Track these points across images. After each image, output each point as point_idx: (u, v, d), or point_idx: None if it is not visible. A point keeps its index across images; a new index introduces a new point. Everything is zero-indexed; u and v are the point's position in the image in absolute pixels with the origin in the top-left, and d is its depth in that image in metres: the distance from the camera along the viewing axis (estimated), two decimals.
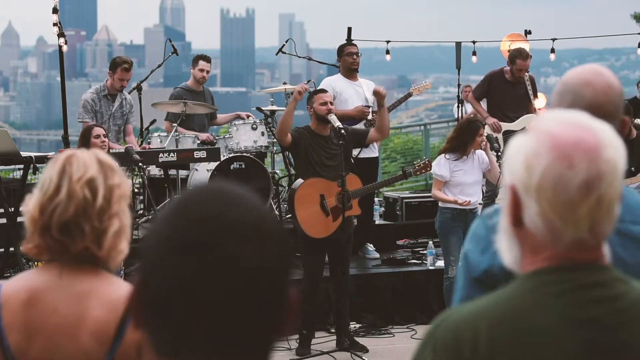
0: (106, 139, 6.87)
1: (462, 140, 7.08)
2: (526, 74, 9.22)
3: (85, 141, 6.77)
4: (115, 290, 2.30)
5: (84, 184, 2.28)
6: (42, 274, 2.32)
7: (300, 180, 6.95)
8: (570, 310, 1.54)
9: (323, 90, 7.40)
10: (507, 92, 9.12)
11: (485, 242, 2.14)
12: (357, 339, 7.15)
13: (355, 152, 8.21)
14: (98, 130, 6.86)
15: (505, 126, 8.94)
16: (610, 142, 1.57)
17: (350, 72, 8.65)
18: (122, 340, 2.26)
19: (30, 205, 2.31)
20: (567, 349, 1.53)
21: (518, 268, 1.63)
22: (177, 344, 1.24)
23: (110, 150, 8.03)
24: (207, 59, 9.68)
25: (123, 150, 7.60)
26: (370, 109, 8.61)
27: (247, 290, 1.23)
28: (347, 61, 8.65)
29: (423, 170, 7.61)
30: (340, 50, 8.79)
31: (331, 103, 7.02)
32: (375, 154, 8.81)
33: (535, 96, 9.26)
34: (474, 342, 1.55)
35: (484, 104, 9.34)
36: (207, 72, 9.60)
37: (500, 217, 1.68)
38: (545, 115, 1.63)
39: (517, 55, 9.13)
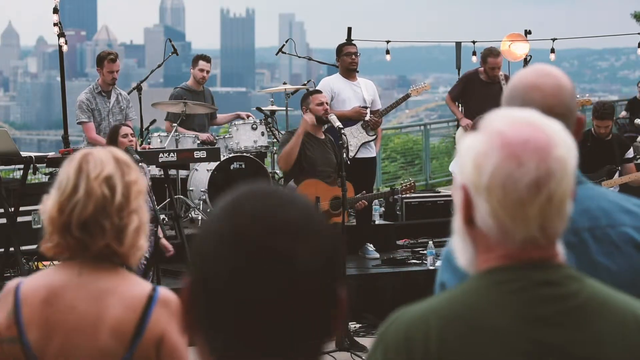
0: (134, 138, 6.86)
1: None
2: (502, 73, 9.26)
3: (113, 140, 6.75)
4: (135, 288, 2.31)
5: (101, 181, 2.29)
6: (62, 271, 2.33)
7: (292, 184, 6.93)
8: (521, 309, 1.54)
9: (318, 91, 7.39)
10: (482, 92, 9.15)
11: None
12: (357, 339, 7.15)
13: (352, 152, 8.21)
14: (125, 130, 6.84)
15: None
16: (561, 141, 1.56)
17: (349, 72, 8.64)
18: (142, 339, 2.27)
19: (48, 205, 2.32)
20: (517, 348, 1.52)
21: (472, 268, 1.62)
22: (229, 344, 1.24)
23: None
24: (207, 59, 9.68)
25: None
26: (368, 110, 8.60)
27: (299, 289, 1.22)
28: (345, 61, 8.65)
29: (408, 191, 7.66)
30: (339, 50, 8.78)
31: (327, 103, 7.02)
32: (373, 154, 8.80)
33: None
34: (424, 342, 1.54)
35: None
36: (207, 72, 9.60)
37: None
38: (496, 114, 1.61)
39: (488, 54, 9.18)
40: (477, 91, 9.18)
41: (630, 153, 8.19)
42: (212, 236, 1.25)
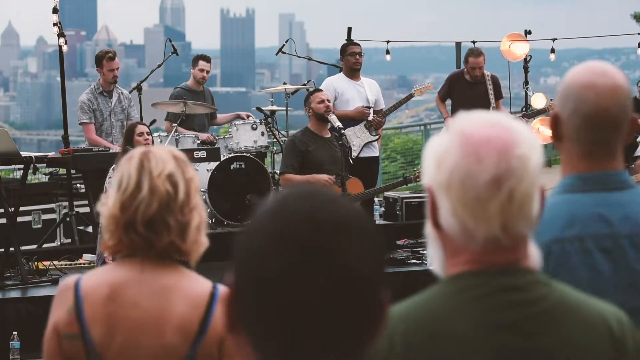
0: (150, 136, 6.84)
1: None
2: (487, 73, 9.26)
3: (129, 139, 6.75)
4: (198, 285, 2.32)
5: (164, 178, 2.30)
6: (124, 268, 2.33)
7: None
8: (486, 315, 1.51)
9: (319, 90, 7.40)
10: (466, 92, 9.17)
11: None
12: None
13: (355, 152, 8.21)
14: (141, 128, 6.82)
15: None
16: (524, 140, 1.54)
17: (353, 71, 8.65)
18: (205, 336, 2.27)
19: (109, 203, 2.31)
20: (481, 355, 1.50)
21: (443, 273, 1.60)
22: (272, 342, 1.23)
23: (111, 151, 8.02)
24: (207, 59, 9.68)
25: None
26: (371, 110, 8.61)
27: (347, 288, 1.21)
28: (349, 61, 8.66)
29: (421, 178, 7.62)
30: (343, 49, 8.79)
31: (329, 101, 7.02)
32: (376, 154, 8.81)
33: (499, 96, 9.31)
34: (389, 347, 1.52)
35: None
36: (207, 72, 9.60)
37: None
38: (462, 115, 1.60)
39: (469, 54, 9.21)
40: (462, 91, 9.20)
41: (638, 151, 8.21)
42: (260, 234, 1.24)
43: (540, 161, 1.55)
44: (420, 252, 8.75)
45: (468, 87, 9.20)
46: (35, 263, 7.61)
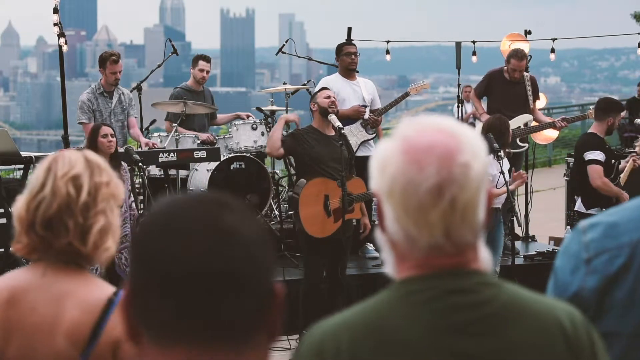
0: (114, 139, 6.80)
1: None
2: (527, 74, 9.21)
3: (93, 141, 6.72)
4: (96, 291, 2.28)
5: (68, 180, 2.28)
6: (27, 273, 2.32)
7: (304, 180, 6.94)
8: (432, 319, 1.50)
9: (325, 88, 7.43)
10: (505, 91, 9.12)
11: (576, 261, 1.95)
12: None
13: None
14: (105, 130, 6.78)
15: None
16: (468, 147, 1.52)
17: (348, 71, 8.66)
18: (97, 343, 2.23)
19: (18, 204, 2.32)
20: (433, 359, 1.49)
21: (395, 276, 1.58)
22: (167, 331, 1.24)
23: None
24: (207, 59, 9.68)
25: (122, 151, 7.59)
26: (367, 109, 8.61)
27: (235, 258, 1.24)
28: (345, 61, 8.67)
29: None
30: (339, 49, 8.80)
31: (334, 98, 7.04)
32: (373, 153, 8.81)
33: (537, 97, 9.25)
34: (336, 355, 1.50)
35: (484, 103, 9.34)
36: (207, 72, 9.60)
37: (594, 233, 1.57)
38: (407, 120, 1.58)
39: (513, 55, 9.15)
40: (500, 89, 9.14)
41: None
42: (149, 227, 1.28)
43: (484, 169, 1.53)
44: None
45: (508, 86, 9.16)
46: None
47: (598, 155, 7.30)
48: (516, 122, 8.84)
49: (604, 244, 1.87)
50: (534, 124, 8.98)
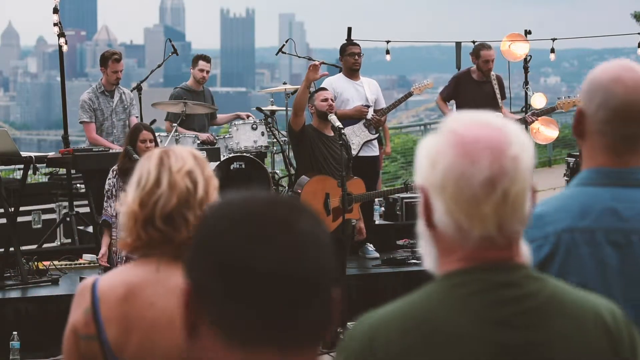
0: (152, 144, 6.62)
1: None
2: (493, 73, 9.27)
3: (133, 141, 6.59)
4: None
5: (184, 174, 2.31)
6: (139, 268, 2.33)
7: (305, 178, 6.93)
8: (480, 312, 1.53)
9: (323, 88, 7.41)
10: (474, 92, 9.16)
11: None
12: None
13: (354, 151, 8.22)
14: (146, 135, 6.62)
15: None
16: (516, 140, 1.56)
17: (352, 72, 8.67)
18: None
19: (128, 200, 2.32)
20: (480, 350, 1.52)
21: (437, 271, 1.62)
22: (238, 332, 1.23)
23: (111, 151, 8.01)
24: (207, 59, 9.68)
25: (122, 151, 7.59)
26: (371, 109, 8.61)
27: (303, 256, 1.24)
28: (348, 61, 8.67)
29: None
30: (343, 49, 8.80)
31: (332, 100, 7.03)
32: (376, 153, 8.81)
33: (503, 97, 9.32)
34: (386, 346, 1.54)
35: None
36: (207, 72, 9.60)
37: None
38: (453, 116, 1.62)
39: (480, 48, 9.21)
40: (469, 91, 9.18)
41: None
42: (216, 221, 1.27)
43: (532, 162, 1.57)
44: (420, 252, 8.75)
45: (476, 87, 9.18)
46: (35, 263, 7.61)
47: None
48: None
49: (531, 234, 1.92)
50: None
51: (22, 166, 8.12)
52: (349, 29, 10.19)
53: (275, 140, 9.57)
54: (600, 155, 2.11)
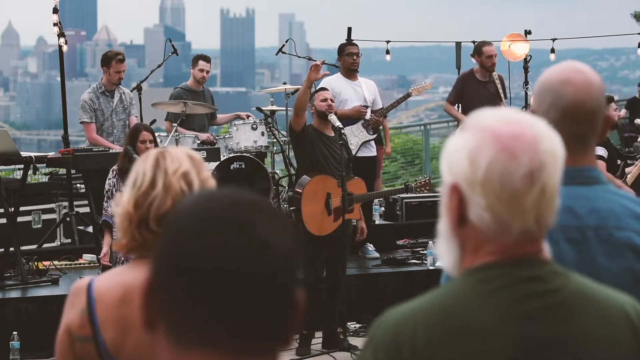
0: (152, 144, 6.62)
1: None
2: (495, 73, 9.29)
3: (132, 142, 6.59)
4: None
5: (179, 176, 2.30)
6: (136, 269, 2.32)
7: (307, 177, 6.93)
8: (507, 306, 1.55)
9: (323, 88, 7.41)
10: (479, 91, 9.19)
11: None
12: (357, 339, 7.16)
13: (353, 151, 8.22)
14: (145, 135, 6.62)
15: None
16: (546, 134, 1.60)
17: (350, 72, 8.67)
18: None
19: (123, 201, 2.31)
20: (505, 345, 1.53)
21: (457, 270, 1.63)
22: (191, 332, 1.23)
23: (111, 151, 8.01)
24: (207, 59, 9.69)
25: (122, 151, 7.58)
26: (369, 109, 8.62)
27: (261, 259, 1.22)
28: (347, 61, 8.67)
29: (424, 188, 7.54)
30: (341, 49, 8.80)
31: (332, 100, 7.03)
32: (374, 153, 8.81)
33: (505, 96, 9.34)
34: (412, 341, 1.55)
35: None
36: (207, 72, 9.61)
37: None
38: (481, 113, 1.65)
39: (481, 45, 9.21)
40: (475, 90, 9.19)
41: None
42: (179, 218, 1.26)
43: (563, 156, 1.61)
44: (420, 252, 8.75)
45: (481, 86, 9.20)
46: (35, 263, 7.61)
47: (600, 151, 7.37)
48: None
49: None
50: None
51: (22, 166, 8.12)
52: (349, 29, 10.19)
53: (275, 140, 9.57)
54: None
